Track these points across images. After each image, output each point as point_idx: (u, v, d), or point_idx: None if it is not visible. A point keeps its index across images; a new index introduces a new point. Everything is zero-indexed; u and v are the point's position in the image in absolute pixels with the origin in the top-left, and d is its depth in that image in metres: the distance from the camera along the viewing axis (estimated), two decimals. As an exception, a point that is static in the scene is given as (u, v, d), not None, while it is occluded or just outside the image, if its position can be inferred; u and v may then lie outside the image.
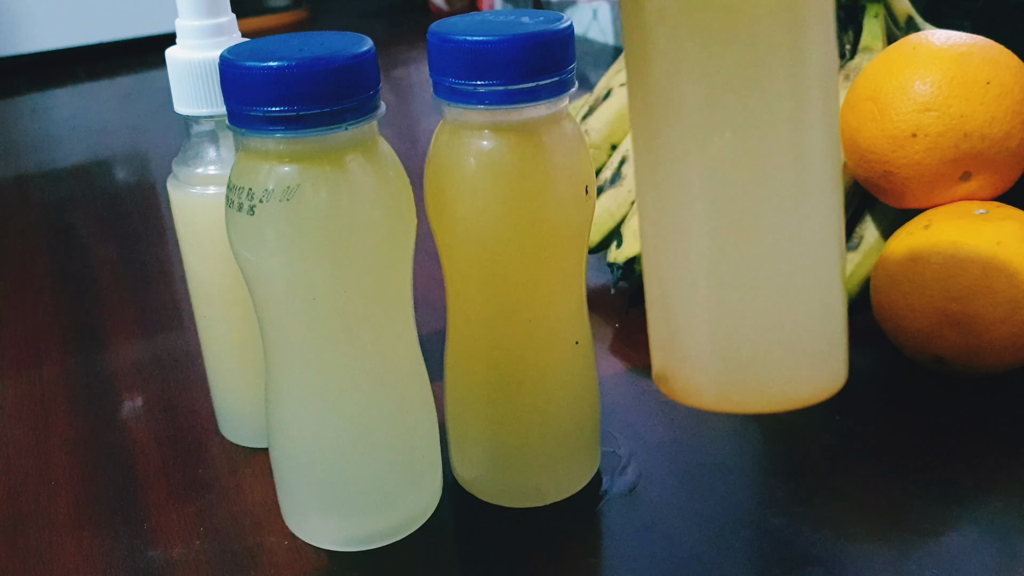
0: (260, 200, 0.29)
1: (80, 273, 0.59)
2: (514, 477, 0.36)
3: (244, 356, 0.38)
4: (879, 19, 0.50)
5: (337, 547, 0.34)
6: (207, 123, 0.36)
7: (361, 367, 0.32)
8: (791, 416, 0.41)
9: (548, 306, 0.33)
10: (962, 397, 0.41)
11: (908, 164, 0.42)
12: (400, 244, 0.31)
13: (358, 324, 0.31)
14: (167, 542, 0.35)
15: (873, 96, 0.43)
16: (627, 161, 0.52)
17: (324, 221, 0.29)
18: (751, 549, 0.33)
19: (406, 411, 0.34)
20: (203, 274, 0.38)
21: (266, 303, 0.31)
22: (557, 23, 0.30)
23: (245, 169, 0.29)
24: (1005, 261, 0.39)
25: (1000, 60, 0.42)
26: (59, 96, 1.04)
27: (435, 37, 0.30)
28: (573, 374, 0.35)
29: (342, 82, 0.28)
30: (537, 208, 0.31)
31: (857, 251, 0.47)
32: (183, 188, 0.37)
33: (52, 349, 0.50)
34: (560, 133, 0.31)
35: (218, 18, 0.35)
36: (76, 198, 0.73)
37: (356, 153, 0.29)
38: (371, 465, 0.33)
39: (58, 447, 0.42)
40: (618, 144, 0.55)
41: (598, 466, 0.38)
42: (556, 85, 0.30)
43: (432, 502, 0.36)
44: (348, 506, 0.34)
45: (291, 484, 0.34)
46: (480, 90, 0.30)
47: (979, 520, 0.34)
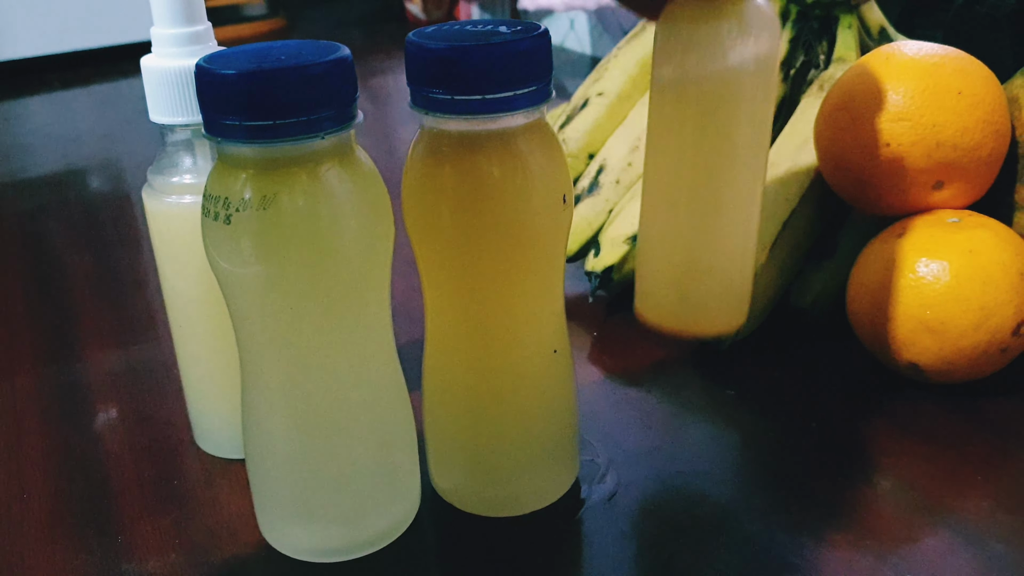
0: (236, 209, 0.28)
1: (54, 283, 0.59)
2: (492, 486, 0.36)
3: (220, 366, 0.38)
4: (852, 30, 0.51)
5: (314, 559, 0.34)
6: (183, 132, 0.36)
7: (338, 377, 0.32)
8: (767, 424, 0.41)
9: (526, 315, 0.33)
10: (937, 403, 0.42)
11: (882, 173, 0.43)
12: (378, 253, 0.31)
13: (335, 333, 0.31)
14: (142, 555, 0.35)
15: (847, 106, 0.43)
16: (604, 170, 0.52)
17: (301, 230, 0.29)
18: (729, 556, 0.34)
19: (384, 420, 0.33)
20: (179, 284, 0.38)
21: (242, 312, 0.31)
22: (534, 33, 0.30)
23: (221, 178, 0.29)
24: (977, 268, 0.39)
25: (971, 71, 0.42)
26: (32, 104, 1.03)
27: (412, 46, 0.30)
28: (551, 383, 0.35)
29: (318, 91, 0.28)
30: (514, 217, 0.31)
31: (832, 259, 0.48)
32: (158, 197, 0.36)
33: (25, 360, 0.50)
34: (537, 142, 0.31)
35: (194, 26, 0.35)
36: (49, 207, 0.72)
37: (333, 162, 0.29)
38: (348, 475, 0.33)
39: (31, 459, 0.41)
40: (595, 153, 0.55)
41: (576, 474, 0.38)
42: (533, 95, 0.30)
43: (411, 512, 0.36)
44: (325, 517, 0.33)
45: (267, 495, 0.34)
46: (456, 99, 0.30)
47: (955, 526, 0.35)
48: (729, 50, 0.33)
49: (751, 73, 0.34)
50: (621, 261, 0.49)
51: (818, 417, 0.41)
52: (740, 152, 0.35)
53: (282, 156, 0.28)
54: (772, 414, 0.42)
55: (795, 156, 0.48)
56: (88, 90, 1.06)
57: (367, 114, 0.32)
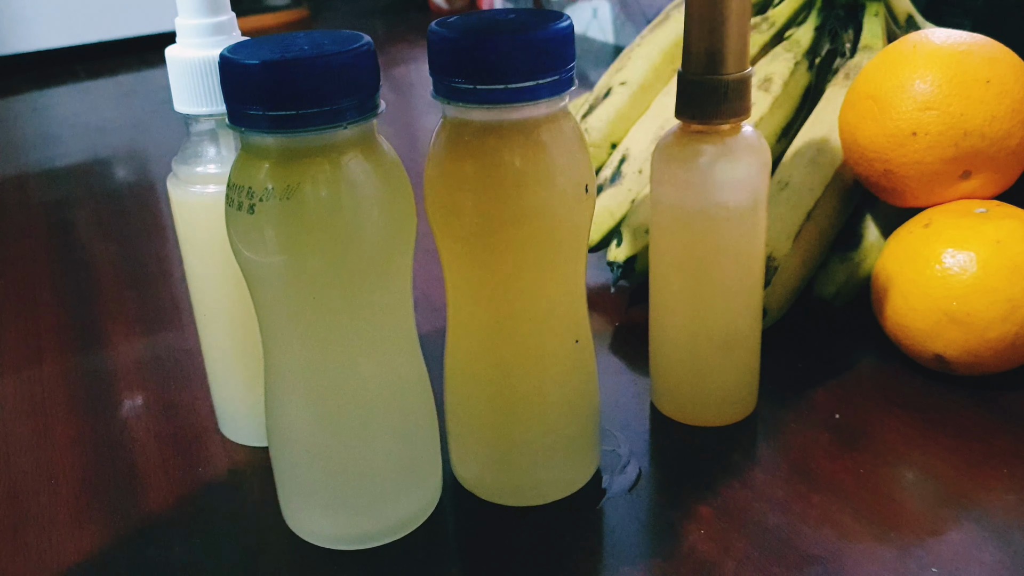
0: (260, 199, 0.29)
1: (80, 271, 0.59)
2: (514, 476, 0.36)
3: (244, 354, 0.38)
4: (879, 17, 0.50)
5: (337, 546, 0.34)
6: (207, 122, 0.36)
7: (359, 365, 0.32)
8: (790, 415, 0.41)
9: (547, 304, 0.33)
10: (962, 395, 0.41)
11: (908, 163, 0.42)
12: (400, 242, 0.31)
13: (357, 322, 0.31)
14: (167, 541, 0.35)
15: (873, 94, 0.43)
16: (627, 160, 0.52)
17: (324, 219, 0.29)
18: (751, 548, 0.33)
19: (405, 409, 0.34)
20: (203, 272, 0.38)
21: (265, 301, 0.31)
22: (557, 23, 0.30)
23: (245, 168, 0.29)
24: (1005, 259, 0.39)
25: (1000, 59, 0.42)
26: (59, 95, 1.04)
27: (435, 36, 0.30)
28: (573, 372, 0.35)
29: (341, 81, 0.28)
30: (535, 206, 0.31)
31: (857, 250, 0.47)
32: (183, 187, 0.37)
33: (52, 348, 0.50)
34: (560, 132, 0.31)
35: (218, 17, 0.35)
36: (76, 197, 0.73)
37: (356, 151, 0.29)
38: (370, 464, 0.33)
39: (58, 446, 0.42)
40: (618, 143, 0.55)
41: (598, 464, 0.38)
42: (555, 84, 0.30)
43: (432, 501, 0.36)
44: (347, 505, 0.34)
45: (291, 483, 0.34)
46: (479, 89, 0.29)
47: (980, 519, 0.34)
48: (719, 175, 0.36)
49: (741, 193, 0.36)
50: (643, 251, 0.49)
51: (842, 408, 0.41)
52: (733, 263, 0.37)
53: (305, 146, 0.29)
54: (795, 405, 0.41)
55: (820, 146, 0.47)
56: (114, 80, 1.06)
57: (389, 104, 0.32)
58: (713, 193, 0.36)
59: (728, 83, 0.35)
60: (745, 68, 0.35)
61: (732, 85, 0.35)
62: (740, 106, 0.35)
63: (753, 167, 0.36)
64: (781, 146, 0.50)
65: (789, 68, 0.50)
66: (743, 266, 0.38)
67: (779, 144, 0.50)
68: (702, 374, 0.39)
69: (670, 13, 0.56)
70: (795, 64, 0.50)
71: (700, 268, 0.37)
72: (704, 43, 0.35)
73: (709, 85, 0.35)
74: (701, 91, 0.35)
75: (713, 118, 0.35)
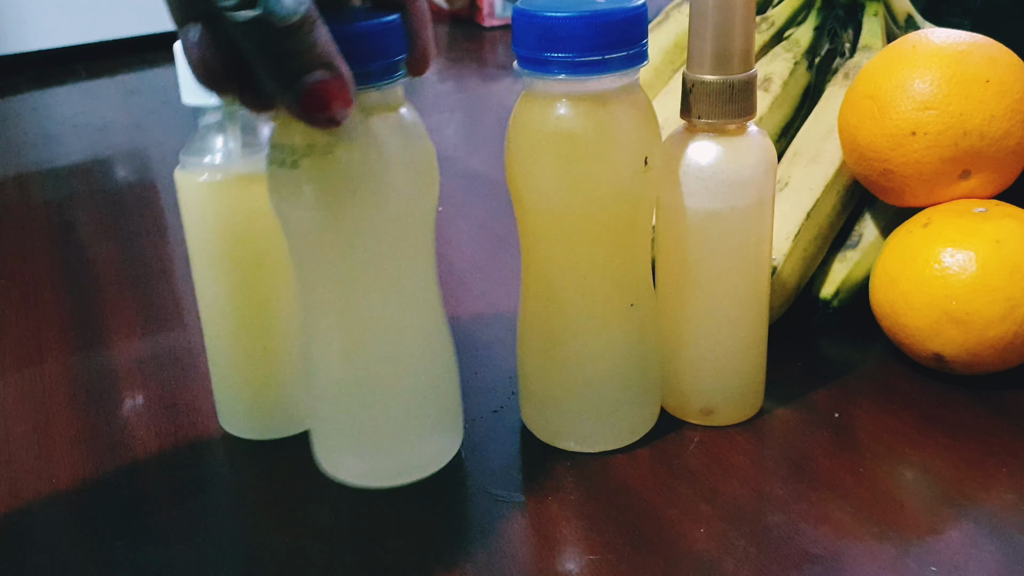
0: (303, 155, 0.31)
1: (81, 270, 0.60)
2: (565, 421, 0.39)
3: (248, 345, 0.39)
4: (879, 17, 0.50)
5: (367, 484, 0.37)
6: (214, 114, 0.36)
7: (390, 313, 0.35)
8: (790, 414, 0.41)
9: (604, 268, 0.36)
10: (961, 395, 0.41)
11: (907, 162, 0.42)
12: (426, 194, 0.34)
13: (388, 269, 0.34)
14: (168, 539, 0.36)
15: (872, 94, 0.43)
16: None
17: (362, 172, 0.32)
18: (750, 546, 0.34)
19: (428, 354, 0.36)
20: (209, 262, 0.38)
21: (304, 254, 0.34)
22: (628, 3, 0.32)
23: (285, 128, 0.32)
24: (1004, 259, 0.39)
25: (999, 58, 0.42)
26: (60, 94, 1.04)
27: (518, 13, 0.33)
28: (626, 333, 0.37)
29: (374, 47, 0.31)
30: (595, 173, 0.34)
31: (856, 249, 0.47)
32: (191, 178, 0.37)
33: (53, 346, 0.50)
34: (628, 104, 0.34)
35: None
36: (77, 196, 0.73)
37: (386, 113, 0.33)
38: (396, 404, 0.36)
39: (59, 444, 0.42)
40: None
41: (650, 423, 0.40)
42: (624, 59, 0.33)
43: (455, 442, 0.39)
44: (375, 445, 0.37)
45: (325, 427, 0.37)
46: (552, 61, 0.32)
47: (979, 517, 0.34)
48: (725, 175, 0.36)
49: (747, 193, 0.36)
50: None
51: (841, 407, 0.41)
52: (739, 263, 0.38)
53: None
54: (794, 404, 0.42)
55: (819, 145, 0.48)
56: (115, 80, 1.06)
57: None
58: (719, 193, 0.36)
59: (734, 83, 0.35)
60: (751, 68, 0.35)
61: (738, 85, 0.35)
62: (746, 106, 0.36)
63: (759, 167, 0.36)
64: (781, 146, 0.50)
65: (789, 68, 0.50)
66: (749, 266, 0.38)
67: (779, 144, 0.50)
68: (708, 372, 0.39)
69: (669, 13, 0.56)
70: (795, 64, 0.50)
71: (706, 268, 0.37)
72: (711, 43, 0.35)
73: (715, 85, 0.35)
74: (707, 91, 0.35)
75: (719, 118, 0.35)
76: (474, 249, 0.39)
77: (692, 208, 0.37)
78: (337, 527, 0.36)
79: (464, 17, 1.24)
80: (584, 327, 0.37)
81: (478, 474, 0.38)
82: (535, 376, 0.39)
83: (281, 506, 0.37)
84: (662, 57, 0.54)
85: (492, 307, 0.49)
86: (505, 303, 0.50)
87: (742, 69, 0.35)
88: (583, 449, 0.39)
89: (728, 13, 0.34)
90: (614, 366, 0.38)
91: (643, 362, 0.38)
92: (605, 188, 0.34)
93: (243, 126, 0.36)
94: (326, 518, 0.36)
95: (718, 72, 0.35)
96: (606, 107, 0.33)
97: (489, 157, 0.50)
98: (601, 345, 0.37)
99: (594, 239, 0.35)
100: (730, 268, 0.37)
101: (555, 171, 0.34)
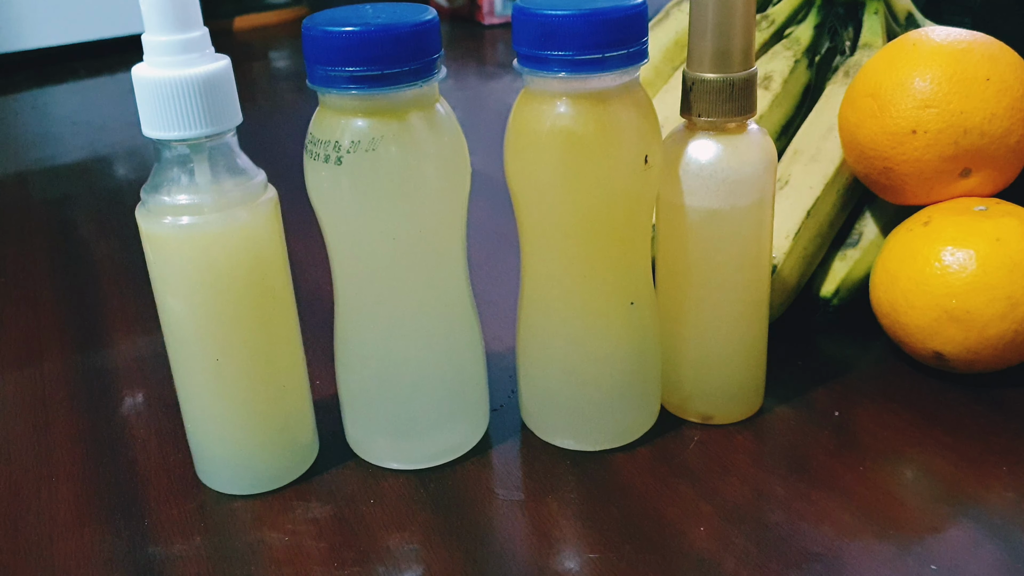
0: (348, 151, 0.33)
1: (80, 270, 0.60)
2: (564, 419, 0.39)
3: (228, 397, 0.36)
4: (879, 15, 0.50)
5: (398, 466, 0.38)
6: (180, 147, 0.33)
7: (425, 302, 0.36)
8: (790, 413, 0.41)
9: (604, 266, 0.36)
10: (961, 393, 0.41)
11: (908, 160, 0.42)
12: (461, 187, 0.35)
13: (427, 261, 0.35)
14: (167, 538, 0.36)
15: (873, 92, 0.43)
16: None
17: (403, 167, 0.33)
18: (750, 545, 0.34)
19: (457, 344, 0.38)
20: (179, 311, 0.35)
21: (342, 246, 0.35)
22: (628, 1, 0.32)
23: (329, 125, 0.33)
24: (1004, 257, 0.39)
25: (1000, 57, 0.42)
26: (59, 93, 1.04)
27: (518, 11, 0.33)
28: (626, 331, 0.37)
29: (422, 44, 0.32)
30: (595, 171, 0.34)
31: (856, 247, 0.47)
32: (154, 218, 0.34)
33: (53, 345, 0.50)
34: (629, 102, 0.34)
35: (188, 33, 0.32)
36: (76, 195, 0.73)
37: (424, 108, 0.33)
38: (428, 391, 0.37)
39: (59, 443, 0.42)
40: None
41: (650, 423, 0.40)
42: (624, 57, 0.33)
43: (480, 428, 0.40)
44: (405, 430, 0.38)
45: (357, 412, 0.39)
46: (552, 59, 0.33)
47: (979, 516, 0.34)
48: (726, 173, 0.36)
49: (748, 191, 0.36)
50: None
51: (841, 406, 0.41)
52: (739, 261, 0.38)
53: (382, 103, 0.33)
54: (795, 402, 0.42)
55: (820, 144, 0.48)
56: (114, 78, 1.06)
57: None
58: (719, 192, 0.36)
59: (735, 81, 0.35)
60: (751, 66, 0.35)
61: (739, 83, 0.35)
62: (746, 104, 0.36)
63: (760, 165, 0.36)
64: (781, 144, 0.50)
65: (789, 66, 0.50)
66: (749, 264, 0.38)
67: (779, 142, 0.50)
68: (708, 371, 0.39)
69: (670, 12, 0.56)
70: (795, 62, 0.50)
71: (707, 266, 0.37)
72: (712, 42, 0.35)
73: (716, 83, 0.35)
74: (707, 89, 0.35)
75: (720, 116, 0.35)
76: (473, 247, 0.39)
77: (692, 206, 0.36)
78: (336, 524, 0.36)
79: (464, 15, 1.24)
80: (584, 325, 0.37)
81: (478, 472, 0.38)
82: (535, 374, 0.39)
83: (280, 503, 0.37)
84: (662, 55, 0.54)
85: (492, 305, 0.49)
86: (505, 301, 0.50)
87: (742, 67, 0.35)
88: (583, 447, 0.39)
89: (728, 11, 0.34)
90: (614, 364, 0.38)
91: (643, 360, 0.38)
92: (605, 186, 0.34)
93: (211, 158, 0.33)
94: (324, 515, 0.36)
95: (718, 70, 0.35)
96: (606, 105, 0.33)
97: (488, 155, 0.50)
98: (601, 343, 0.37)
99: (594, 237, 0.35)
100: (730, 266, 0.37)
101: (555, 169, 0.34)
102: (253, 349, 0.36)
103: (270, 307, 0.35)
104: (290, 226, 0.37)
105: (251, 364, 0.36)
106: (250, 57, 1.11)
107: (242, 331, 0.35)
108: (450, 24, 1.22)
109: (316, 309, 0.48)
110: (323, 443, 0.40)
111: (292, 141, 0.75)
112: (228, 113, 0.33)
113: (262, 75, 1.06)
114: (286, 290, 0.36)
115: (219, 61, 0.33)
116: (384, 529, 0.35)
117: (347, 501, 0.37)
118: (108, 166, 0.80)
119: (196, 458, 0.39)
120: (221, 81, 0.32)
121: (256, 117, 0.88)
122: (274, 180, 0.36)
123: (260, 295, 0.35)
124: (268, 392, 0.37)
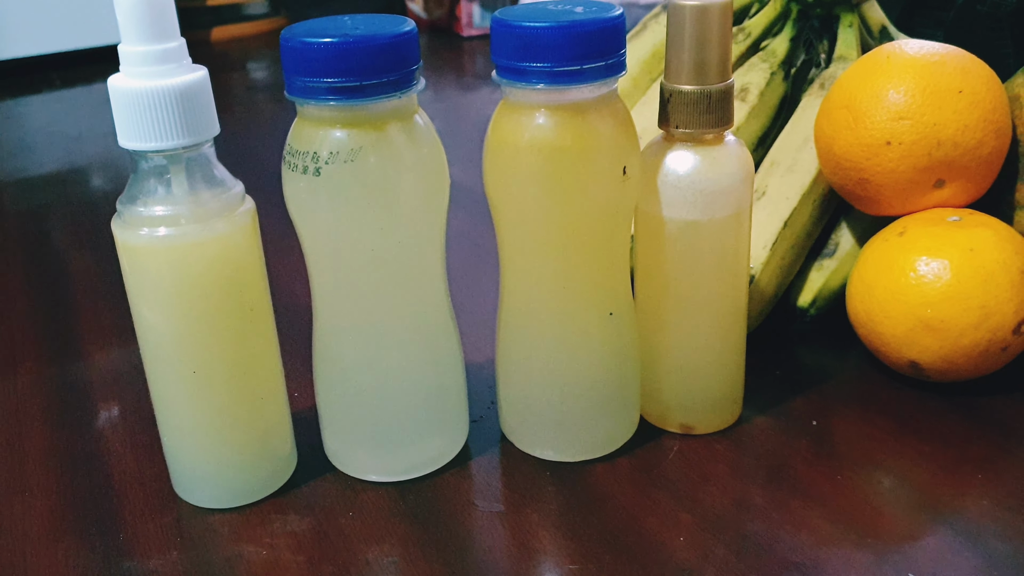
0: (326, 162, 0.32)
1: (55, 281, 0.59)
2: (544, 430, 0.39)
3: (206, 411, 0.36)
4: (853, 28, 0.51)
5: (376, 478, 0.38)
6: (157, 158, 0.33)
7: (404, 313, 0.36)
8: (768, 422, 0.41)
9: (583, 276, 0.36)
10: (937, 402, 0.42)
11: (882, 172, 0.43)
12: (439, 197, 0.35)
13: (406, 272, 0.35)
14: (144, 552, 0.35)
15: (848, 104, 0.43)
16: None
17: (382, 178, 0.33)
18: (730, 554, 0.34)
19: (437, 356, 0.38)
20: (156, 323, 0.34)
21: (321, 258, 0.35)
22: (606, 13, 0.33)
23: (307, 136, 0.33)
24: (978, 267, 0.39)
25: (972, 69, 0.42)
26: (34, 103, 1.03)
27: (497, 23, 0.33)
28: (605, 342, 0.37)
29: (401, 55, 0.32)
30: (574, 183, 0.34)
31: (832, 258, 0.48)
32: (130, 230, 0.33)
33: (27, 358, 0.50)
34: (607, 114, 0.34)
35: (165, 43, 0.32)
36: (51, 206, 0.72)
37: (403, 120, 0.33)
38: (408, 403, 0.37)
39: (33, 456, 0.41)
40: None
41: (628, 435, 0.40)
42: (602, 69, 0.33)
43: (459, 440, 0.40)
44: (384, 442, 0.38)
45: (335, 425, 0.38)
46: (531, 70, 0.33)
47: (956, 524, 0.35)
48: (703, 184, 0.36)
49: (725, 202, 0.36)
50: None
51: (818, 415, 0.41)
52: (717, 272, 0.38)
53: (361, 115, 0.32)
54: (773, 412, 0.42)
55: (796, 155, 0.48)
56: (90, 89, 1.06)
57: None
58: (697, 202, 0.36)
59: (712, 93, 0.35)
60: (728, 78, 0.36)
61: (716, 95, 0.35)
62: (723, 115, 0.36)
63: (737, 176, 0.36)
64: (758, 155, 0.51)
65: (765, 78, 0.50)
66: (727, 274, 0.38)
67: (755, 153, 0.51)
68: (687, 382, 0.40)
69: (647, 24, 0.56)
70: (771, 74, 0.50)
71: (685, 277, 0.38)
72: (689, 54, 0.35)
73: (694, 95, 0.35)
74: (685, 101, 0.35)
75: (698, 128, 0.36)
76: (452, 258, 0.39)
77: (670, 217, 0.37)
78: (315, 537, 0.36)
79: (443, 27, 1.24)
80: (563, 336, 0.37)
81: (458, 483, 0.38)
82: (514, 385, 0.39)
83: (257, 516, 0.37)
84: (640, 67, 0.54)
85: (471, 316, 0.49)
86: (484, 312, 0.50)
87: (719, 79, 0.35)
88: (562, 458, 0.39)
89: (705, 24, 0.35)
90: (593, 375, 0.38)
91: (622, 371, 0.38)
92: (584, 197, 0.34)
93: (188, 169, 0.33)
94: (303, 529, 0.36)
95: (696, 82, 0.35)
96: (585, 116, 0.34)
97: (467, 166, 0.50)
98: (580, 354, 0.37)
99: (573, 248, 0.35)
100: (708, 277, 0.38)
101: (534, 180, 0.34)
102: (230, 361, 0.35)
103: (248, 319, 0.35)
104: (268, 237, 0.37)
105: (228, 376, 0.35)
106: (228, 68, 1.10)
107: (219, 343, 0.35)
108: (429, 36, 1.22)
109: (294, 320, 0.48)
110: (301, 455, 0.40)
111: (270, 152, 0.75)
112: (205, 124, 0.33)
113: (240, 86, 1.05)
114: (264, 302, 0.36)
115: (196, 72, 0.32)
116: (363, 542, 0.35)
117: (326, 514, 0.37)
118: (84, 177, 0.80)
119: (173, 471, 0.38)
120: (198, 92, 0.32)
121: (234, 128, 0.87)
122: (252, 191, 0.36)
123: (238, 307, 0.35)
124: (246, 404, 0.36)
